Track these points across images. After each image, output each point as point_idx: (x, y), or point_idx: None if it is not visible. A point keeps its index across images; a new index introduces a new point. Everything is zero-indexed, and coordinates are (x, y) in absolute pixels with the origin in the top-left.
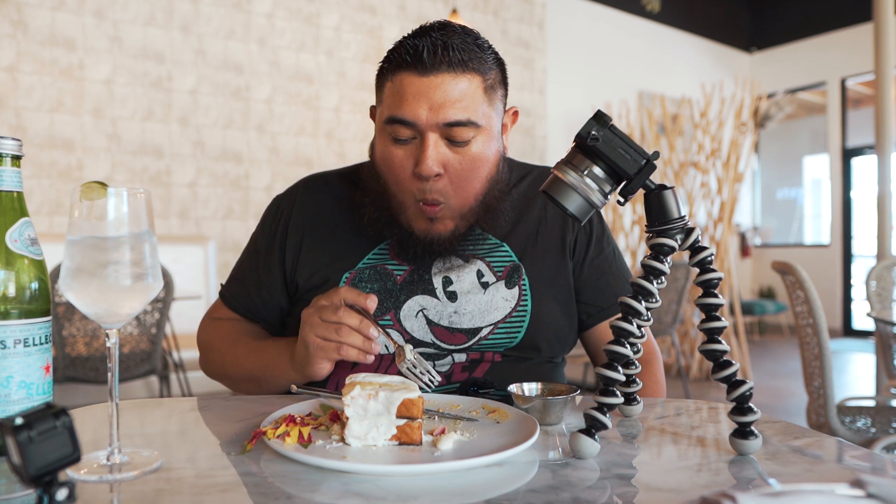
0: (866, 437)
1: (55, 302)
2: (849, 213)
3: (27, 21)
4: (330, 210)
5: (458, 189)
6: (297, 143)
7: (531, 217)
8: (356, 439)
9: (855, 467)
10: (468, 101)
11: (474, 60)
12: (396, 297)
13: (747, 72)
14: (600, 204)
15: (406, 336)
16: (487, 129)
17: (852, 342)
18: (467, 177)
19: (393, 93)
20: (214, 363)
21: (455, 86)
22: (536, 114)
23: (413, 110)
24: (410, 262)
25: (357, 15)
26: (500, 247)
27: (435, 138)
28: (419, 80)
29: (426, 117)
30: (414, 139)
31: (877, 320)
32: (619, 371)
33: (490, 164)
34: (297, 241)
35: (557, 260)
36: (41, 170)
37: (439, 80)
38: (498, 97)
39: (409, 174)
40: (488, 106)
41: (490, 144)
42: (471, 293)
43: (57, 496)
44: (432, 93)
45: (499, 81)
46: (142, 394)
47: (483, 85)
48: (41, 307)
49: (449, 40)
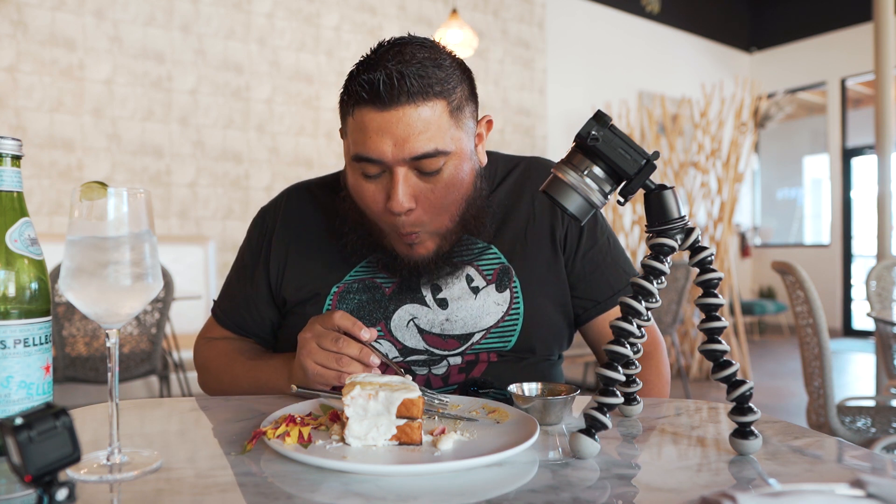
0: (866, 437)
1: (55, 302)
2: (849, 213)
3: (27, 21)
4: (314, 222)
5: (433, 217)
6: (297, 143)
7: (519, 214)
8: (356, 439)
9: (855, 467)
10: (433, 131)
11: (435, 85)
12: (386, 308)
13: (747, 72)
14: (600, 204)
15: (398, 346)
16: (458, 153)
17: (852, 342)
18: (442, 203)
19: (355, 129)
20: (212, 384)
21: (417, 117)
22: (536, 114)
23: (378, 147)
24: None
25: (357, 15)
26: (489, 249)
27: (404, 172)
28: (380, 116)
29: (392, 153)
30: (384, 173)
31: (877, 320)
32: (619, 371)
33: (465, 185)
34: (282, 254)
35: (548, 256)
36: (41, 170)
37: (400, 113)
38: (466, 115)
39: (382, 208)
40: (457, 129)
41: (462, 167)
42: (461, 299)
43: (57, 496)
44: (394, 128)
45: (466, 98)
46: (142, 394)
47: (448, 108)
48: (41, 307)
49: (405, 69)
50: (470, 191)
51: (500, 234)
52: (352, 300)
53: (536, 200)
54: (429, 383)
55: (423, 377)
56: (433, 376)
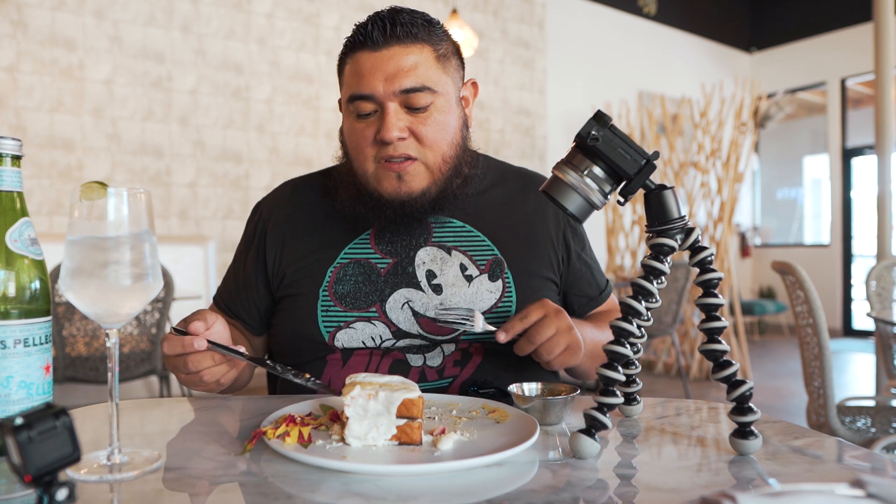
0: (866, 437)
1: (55, 302)
2: (849, 213)
3: (27, 21)
4: (309, 207)
5: (424, 149)
6: (297, 143)
7: (514, 213)
8: (356, 439)
9: (855, 467)
10: (421, 69)
11: (422, 33)
12: (381, 290)
13: (747, 72)
14: (600, 204)
15: (392, 328)
16: (444, 96)
17: (852, 342)
18: (433, 137)
19: (351, 73)
20: None
21: (406, 56)
22: (536, 114)
23: (370, 84)
24: (391, 250)
25: (357, 15)
26: (482, 240)
27: (395, 107)
28: (373, 56)
29: (383, 88)
30: (375, 112)
31: (877, 320)
32: (619, 371)
33: (453, 128)
34: (278, 238)
35: (542, 255)
36: (41, 170)
37: (391, 52)
38: (452, 67)
39: (371, 142)
40: (443, 73)
41: (449, 111)
42: (455, 286)
43: (57, 496)
44: (386, 65)
45: (452, 53)
46: (142, 394)
47: (435, 54)
48: (41, 307)
49: (397, 17)
50: (458, 138)
51: (494, 229)
52: (348, 281)
53: (530, 203)
54: (423, 376)
55: (417, 369)
56: (428, 368)
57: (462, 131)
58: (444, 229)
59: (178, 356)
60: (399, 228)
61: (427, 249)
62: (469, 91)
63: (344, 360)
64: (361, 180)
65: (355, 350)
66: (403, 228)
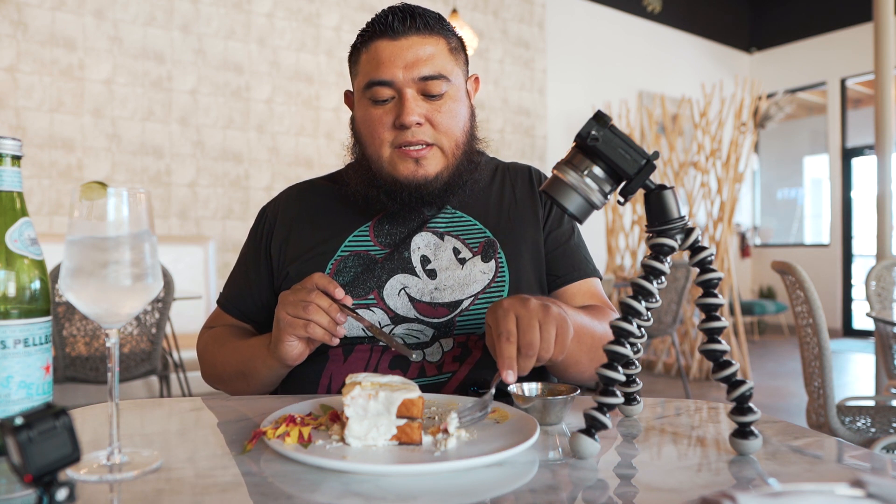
0: (866, 437)
1: (55, 302)
2: (849, 213)
3: (27, 21)
4: (314, 207)
5: (440, 135)
6: (297, 143)
7: (503, 197)
8: (356, 439)
9: (855, 467)
10: (437, 59)
11: (437, 26)
12: (378, 277)
13: (747, 72)
14: (600, 204)
15: (390, 314)
16: (457, 86)
17: (852, 342)
18: (448, 123)
19: (369, 60)
20: (208, 367)
21: (424, 46)
22: (536, 114)
23: (390, 70)
24: (390, 241)
25: (357, 15)
26: (473, 224)
27: (412, 93)
28: (392, 44)
29: (402, 75)
30: (393, 98)
31: (877, 320)
32: (619, 371)
33: (465, 117)
34: (283, 237)
35: (530, 233)
36: (41, 170)
37: (410, 41)
38: (461, 60)
39: (388, 128)
40: (454, 64)
41: (460, 100)
42: (449, 269)
43: (57, 496)
44: (405, 53)
45: (460, 47)
46: (142, 394)
47: (448, 46)
48: (41, 307)
49: (415, 10)
50: (468, 126)
51: (484, 212)
52: (347, 273)
53: (517, 188)
54: (423, 371)
55: (416, 365)
56: (427, 364)
57: (471, 120)
58: (438, 217)
59: (304, 303)
60: (397, 220)
61: (422, 235)
62: (472, 86)
63: (345, 355)
64: (375, 166)
65: (356, 345)
66: (401, 220)
